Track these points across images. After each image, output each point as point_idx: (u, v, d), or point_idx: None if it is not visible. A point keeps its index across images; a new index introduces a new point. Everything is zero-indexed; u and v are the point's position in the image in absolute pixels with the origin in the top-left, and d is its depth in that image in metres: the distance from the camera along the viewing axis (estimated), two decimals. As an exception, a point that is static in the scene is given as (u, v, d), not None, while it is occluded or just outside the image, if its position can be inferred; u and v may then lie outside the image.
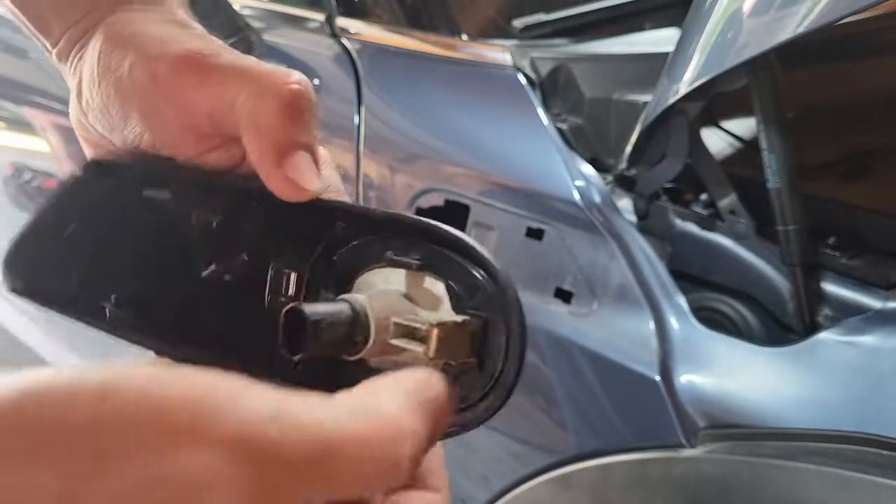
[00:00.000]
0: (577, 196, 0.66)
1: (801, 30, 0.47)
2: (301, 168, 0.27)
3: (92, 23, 0.32)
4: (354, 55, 0.83)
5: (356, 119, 0.80)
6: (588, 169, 0.68)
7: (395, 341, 0.25)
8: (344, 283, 0.28)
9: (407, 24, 0.88)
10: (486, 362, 0.25)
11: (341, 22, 0.86)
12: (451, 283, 0.25)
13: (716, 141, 0.79)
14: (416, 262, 0.26)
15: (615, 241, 0.64)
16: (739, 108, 0.79)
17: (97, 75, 0.31)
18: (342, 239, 0.28)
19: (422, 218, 0.26)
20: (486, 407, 0.25)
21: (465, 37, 0.85)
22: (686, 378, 0.58)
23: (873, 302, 0.56)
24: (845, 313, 0.57)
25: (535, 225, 0.68)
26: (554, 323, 0.66)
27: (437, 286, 0.26)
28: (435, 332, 0.24)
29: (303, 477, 0.17)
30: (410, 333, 0.24)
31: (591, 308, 0.64)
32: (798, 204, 0.58)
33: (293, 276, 0.28)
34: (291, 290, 0.28)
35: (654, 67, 0.64)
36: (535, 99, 0.72)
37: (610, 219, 0.65)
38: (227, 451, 0.16)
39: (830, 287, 0.59)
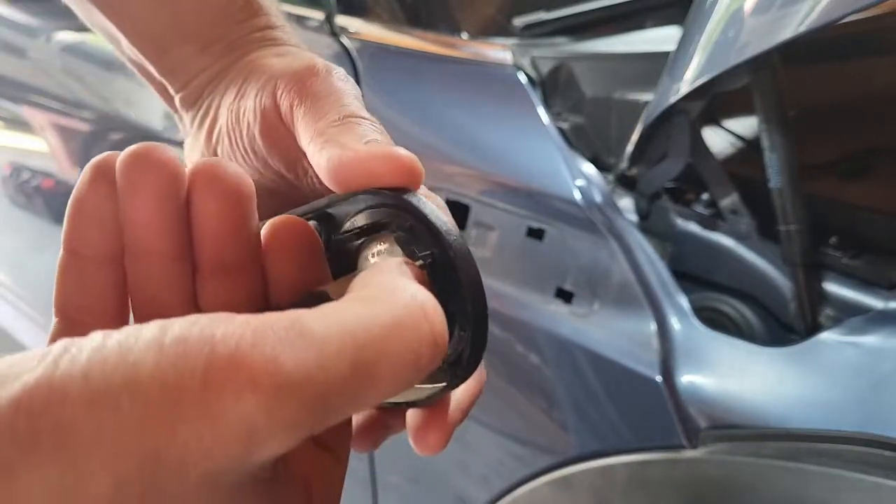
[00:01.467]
0: (577, 196, 0.66)
1: (802, 29, 0.47)
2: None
3: (226, 64, 0.33)
4: (354, 54, 0.83)
5: (356, 118, 0.80)
6: (589, 168, 0.68)
7: None
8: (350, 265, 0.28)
9: (406, 23, 0.88)
10: (449, 298, 0.24)
11: (340, 20, 0.86)
12: (397, 235, 0.25)
13: (717, 140, 0.79)
14: (358, 231, 0.26)
15: (616, 241, 0.63)
16: (741, 108, 0.79)
17: (238, 112, 0.31)
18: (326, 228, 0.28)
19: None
20: (472, 337, 0.24)
21: (465, 35, 0.85)
22: (687, 378, 0.57)
23: (875, 302, 0.56)
24: (847, 313, 0.57)
25: (535, 225, 0.68)
26: (555, 323, 0.65)
27: (393, 245, 0.26)
28: None
29: (349, 389, 0.17)
30: None
31: (591, 308, 0.64)
32: (800, 203, 0.58)
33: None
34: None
35: (655, 66, 0.64)
36: (535, 98, 0.72)
37: (611, 218, 0.64)
38: (263, 390, 0.15)
39: (832, 287, 0.58)
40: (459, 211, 0.73)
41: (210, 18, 0.33)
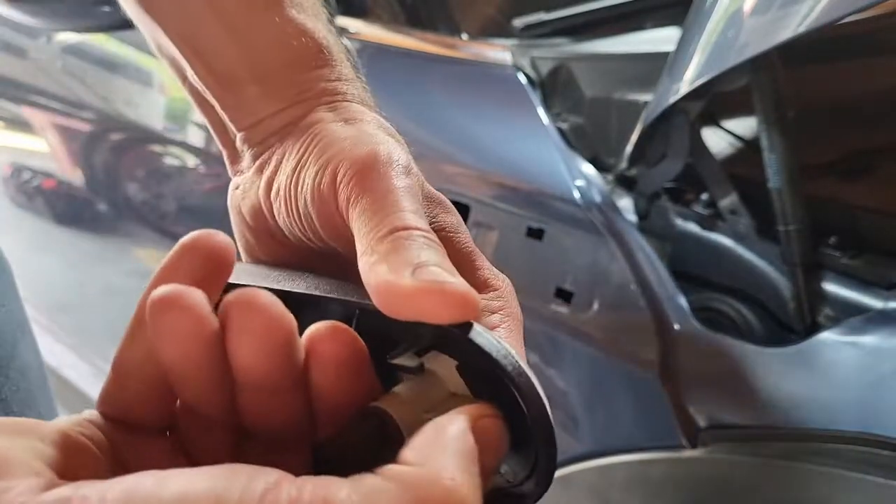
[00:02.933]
0: (577, 196, 0.66)
1: (801, 29, 0.47)
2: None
3: (293, 117, 0.32)
4: (354, 54, 0.83)
5: (356, 118, 0.80)
6: (588, 168, 0.68)
7: None
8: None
9: (407, 23, 0.88)
10: (518, 440, 0.24)
11: (341, 21, 0.86)
12: (464, 364, 0.25)
13: (717, 140, 0.79)
14: (418, 360, 0.25)
15: (616, 241, 0.63)
16: (740, 108, 0.79)
17: (297, 183, 0.30)
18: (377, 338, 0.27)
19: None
20: (534, 489, 0.25)
21: (465, 36, 0.85)
22: (687, 378, 0.57)
23: (874, 302, 0.56)
24: (846, 313, 0.57)
25: (535, 224, 0.68)
26: (554, 323, 0.65)
27: (452, 369, 0.25)
28: None
29: None
30: None
31: (591, 308, 0.64)
32: (799, 204, 0.58)
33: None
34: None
35: (654, 67, 0.64)
36: (535, 98, 0.72)
37: (610, 218, 0.64)
38: None
39: (831, 287, 0.58)
40: (459, 211, 0.73)
41: (282, 61, 0.33)
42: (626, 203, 0.68)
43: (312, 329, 0.24)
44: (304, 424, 0.25)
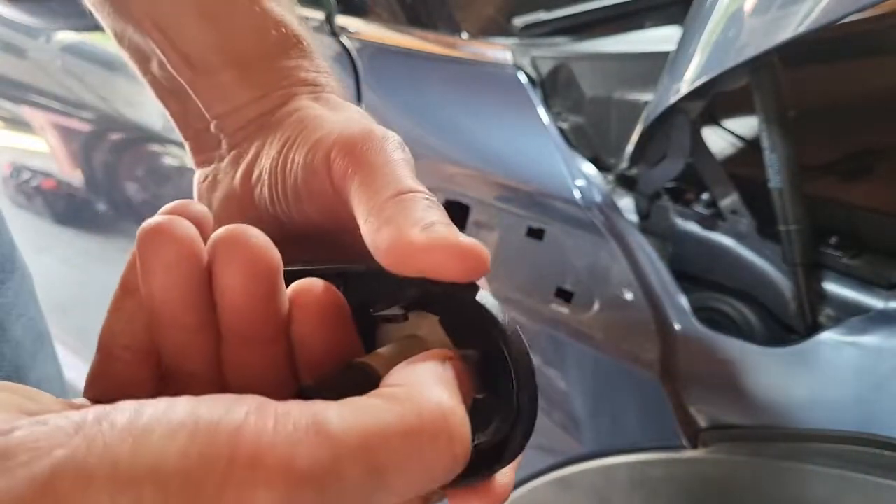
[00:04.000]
0: (577, 195, 0.66)
1: (802, 29, 0.47)
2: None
3: (274, 104, 0.32)
4: (354, 54, 0.83)
5: (356, 118, 0.80)
6: (589, 168, 0.68)
7: None
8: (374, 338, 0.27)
9: (407, 23, 0.88)
10: (500, 394, 0.24)
11: (341, 20, 0.86)
12: (445, 319, 0.25)
13: (717, 140, 0.79)
14: (403, 311, 0.26)
15: (616, 241, 0.63)
16: (741, 108, 0.79)
17: (286, 163, 0.30)
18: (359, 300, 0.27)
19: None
20: (518, 436, 0.25)
21: (465, 35, 0.85)
22: (687, 378, 0.57)
23: (875, 302, 0.56)
24: (847, 313, 0.57)
25: (535, 224, 0.68)
26: (554, 323, 0.65)
27: (437, 326, 0.25)
28: None
29: (360, 492, 0.17)
30: None
31: (591, 308, 0.64)
32: (800, 203, 0.58)
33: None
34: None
35: (655, 66, 0.64)
36: (535, 98, 0.72)
37: (611, 218, 0.64)
38: (277, 489, 0.16)
39: (832, 287, 0.58)
40: (459, 211, 0.73)
41: (261, 50, 0.33)
42: (626, 203, 0.68)
43: (295, 284, 0.25)
44: (286, 383, 0.25)
